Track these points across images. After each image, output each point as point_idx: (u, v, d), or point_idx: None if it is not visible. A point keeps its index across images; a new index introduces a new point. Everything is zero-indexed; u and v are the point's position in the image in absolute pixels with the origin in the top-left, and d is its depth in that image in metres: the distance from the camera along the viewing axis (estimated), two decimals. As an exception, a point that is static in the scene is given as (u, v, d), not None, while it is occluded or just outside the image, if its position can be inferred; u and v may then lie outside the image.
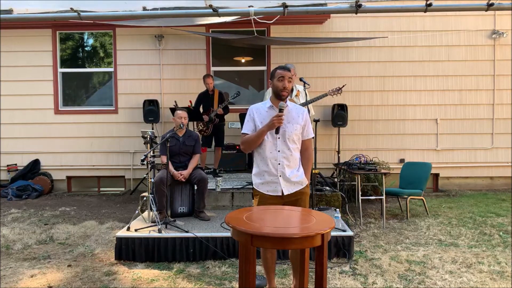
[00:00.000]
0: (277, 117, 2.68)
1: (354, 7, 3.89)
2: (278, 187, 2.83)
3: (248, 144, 2.87)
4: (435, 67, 7.50)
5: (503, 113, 7.49)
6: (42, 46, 7.59)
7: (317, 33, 7.42)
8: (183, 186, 4.77)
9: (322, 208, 5.13)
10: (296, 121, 2.85)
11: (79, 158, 7.63)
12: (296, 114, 2.88)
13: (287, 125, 2.82)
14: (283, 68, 2.83)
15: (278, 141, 2.83)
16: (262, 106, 2.94)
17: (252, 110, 2.93)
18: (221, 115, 6.48)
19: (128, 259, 3.93)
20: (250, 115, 2.92)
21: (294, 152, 2.86)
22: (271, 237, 1.90)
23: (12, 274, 3.63)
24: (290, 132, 2.82)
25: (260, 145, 2.85)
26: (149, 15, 4.25)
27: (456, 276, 3.50)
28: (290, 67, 5.18)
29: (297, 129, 2.85)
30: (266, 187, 2.86)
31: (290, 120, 2.84)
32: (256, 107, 2.94)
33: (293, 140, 2.84)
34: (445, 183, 7.62)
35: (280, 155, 2.82)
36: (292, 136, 2.83)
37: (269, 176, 2.84)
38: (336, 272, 3.62)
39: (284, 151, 2.83)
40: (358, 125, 7.50)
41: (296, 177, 2.86)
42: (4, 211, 6.08)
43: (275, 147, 2.83)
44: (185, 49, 7.58)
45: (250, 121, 2.90)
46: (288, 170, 2.83)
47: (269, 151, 2.84)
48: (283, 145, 2.83)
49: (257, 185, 2.91)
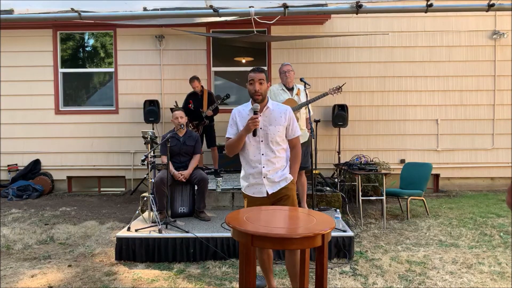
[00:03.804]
0: (251, 120, 2.64)
1: (354, 7, 3.89)
2: (262, 188, 2.81)
3: (231, 148, 2.84)
4: (435, 68, 7.49)
5: (503, 113, 7.48)
6: (42, 46, 7.60)
7: (318, 33, 7.41)
8: (184, 186, 4.77)
9: (322, 208, 5.13)
10: (278, 122, 2.79)
11: (80, 158, 7.63)
12: (279, 115, 2.81)
13: (269, 127, 2.78)
14: (253, 71, 2.78)
15: (261, 144, 2.79)
16: (244, 108, 2.89)
17: (234, 114, 2.90)
18: (211, 115, 6.53)
19: (128, 259, 3.93)
20: (232, 119, 2.89)
21: (279, 154, 2.81)
22: (271, 238, 1.90)
23: (13, 274, 3.63)
24: (272, 135, 2.77)
25: (243, 148, 2.83)
26: (149, 15, 4.25)
27: (457, 276, 3.50)
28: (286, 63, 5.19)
29: (279, 130, 2.79)
30: (252, 189, 2.85)
31: (272, 122, 2.78)
32: (238, 110, 2.90)
33: (277, 142, 2.79)
34: (445, 183, 7.61)
35: (263, 158, 2.79)
36: (275, 138, 2.78)
37: (254, 179, 2.82)
38: (337, 272, 3.62)
39: (267, 153, 2.79)
40: (359, 126, 7.50)
41: (280, 177, 2.82)
42: (5, 211, 6.08)
43: (259, 151, 2.79)
44: (185, 49, 7.58)
45: (233, 125, 2.88)
46: (272, 172, 2.79)
47: (253, 154, 2.81)
48: (266, 148, 2.79)
49: (244, 188, 2.91)
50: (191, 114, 6.37)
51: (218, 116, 6.80)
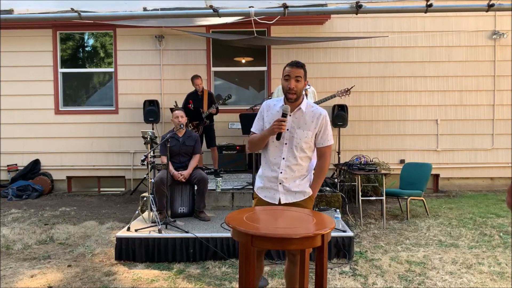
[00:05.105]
0: (278, 123, 2.37)
1: (354, 7, 3.89)
2: (276, 195, 2.55)
3: (252, 145, 2.60)
4: (435, 68, 7.50)
5: (503, 113, 7.49)
6: (42, 46, 7.60)
7: (318, 33, 7.42)
8: (183, 186, 4.77)
9: (322, 208, 5.13)
10: (307, 127, 2.48)
11: (80, 158, 7.63)
12: (310, 119, 2.49)
13: (297, 131, 2.48)
14: (291, 65, 2.44)
15: (284, 147, 2.50)
16: (275, 103, 2.56)
17: (263, 107, 2.59)
18: (211, 116, 6.52)
19: (128, 259, 3.93)
20: (261, 112, 2.59)
21: (301, 162, 2.52)
22: (271, 238, 1.90)
23: (12, 274, 3.63)
24: (298, 139, 2.47)
25: (266, 148, 2.55)
26: (149, 15, 4.25)
27: (456, 276, 3.50)
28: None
29: (307, 136, 2.48)
30: (265, 192, 2.60)
31: (301, 125, 2.48)
32: (268, 104, 2.58)
33: (301, 148, 2.49)
34: (445, 183, 7.61)
35: (283, 163, 2.50)
36: (300, 144, 2.48)
37: (269, 182, 2.57)
38: (336, 272, 3.62)
39: (289, 159, 2.50)
40: (359, 126, 7.50)
41: (298, 187, 2.54)
42: (4, 211, 6.08)
43: (280, 153, 2.51)
44: (185, 50, 7.58)
45: (260, 119, 2.58)
46: (290, 180, 2.52)
47: (273, 156, 2.53)
48: (289, 153, 2.50)
49: (257, 189, 2.67)
50: (191, 114, 6.37)
51: (217, 116, 6.82)
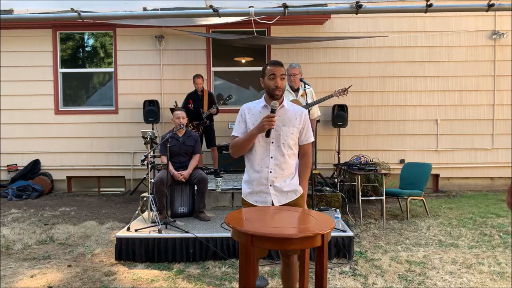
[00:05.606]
0: (267, 119, 2.38)
1: (354, 7, 3.89)
2: (268, 198, 2.51)
3: (237, 148, 2.56)
4: (435, 68, 7.50)
5: (503, 113, 7.49)
6: (42, 46, 7.59)
7: (318, 33, 7.42)
8: (183, 187, 4.77)
9: (322, 208, 5.13)
10: (293, 124, 2.52)
11: (79, 158, 7.63)
12: (294, 116, 2.54)
13: (282, 128, 2.50)
14: (273, 64, 2.50)
15: (271, 146, 2.51)
16: (255, 105, 2.60)
17: (243, 110, 2.60)
18: (211, 116, 6.53)
19: (128, 260, 3.93)
20: (241, 116, 2.60)
21: (289, 159, 2.53)
22: (271, 238, 1.90)
23: (12, 274, 3.63)
24: (285, 136, 2.50)
25: (250, 149, 2.54)
26: (149, 15, 4.25)
27: (456, 276, 3.50)
28: (295, 66, 5.17)
29: (293, 132, 2.52)
30: (255, 197, 2.55)
31: (286, 123, 2.52)
32: (248, 107, 2.61)
33: (289, 146, 2.52)
34: (445, 183, 7.61)
35: (272, 162, 2.50)
36: (287, 141, 2.51)
37: (258, 186, 2.52)
38: (336, 272, 3.62)
39: (277, 157, 2.50)
40: (358, 126, 7.50)
41: (289, 186, 2.54)
42: (4, 211, 6.08)
43: (268, 153, 2.51)
44: (185, 50, 7.58)
45: (241, 122, 2.59)
46: (280, 179, 2.51)
47: (261, 157, 2.52)
48: (277, 151, 2.50)
49: (245, 195, 2.60)
50: (191, 114, 6.38)
51: (217, 117, 6.82)
